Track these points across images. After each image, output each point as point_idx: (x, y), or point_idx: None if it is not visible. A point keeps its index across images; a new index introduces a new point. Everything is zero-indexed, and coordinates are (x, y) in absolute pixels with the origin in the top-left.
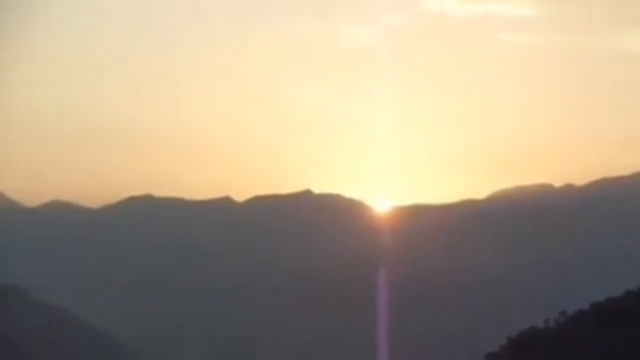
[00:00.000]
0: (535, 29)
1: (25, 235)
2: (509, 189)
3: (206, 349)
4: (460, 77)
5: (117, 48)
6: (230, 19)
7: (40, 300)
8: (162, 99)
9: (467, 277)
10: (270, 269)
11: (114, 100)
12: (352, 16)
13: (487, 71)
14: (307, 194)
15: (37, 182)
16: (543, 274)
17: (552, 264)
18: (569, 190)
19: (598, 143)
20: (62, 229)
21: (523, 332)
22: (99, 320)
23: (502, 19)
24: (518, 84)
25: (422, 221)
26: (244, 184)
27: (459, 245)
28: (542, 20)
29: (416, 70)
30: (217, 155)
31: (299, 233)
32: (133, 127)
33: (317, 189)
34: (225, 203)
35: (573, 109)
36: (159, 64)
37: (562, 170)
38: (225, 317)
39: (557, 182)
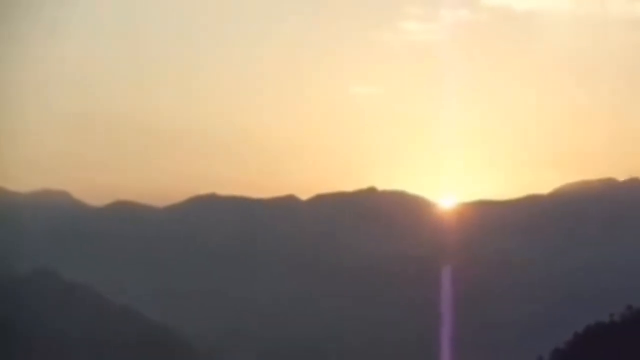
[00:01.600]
0: (598, 23)
1: (92, 235)
2: (573, 184)
3: (267, 351)
4: (524, 72)
5: (179, 50)
6: (292, 18)
7: (107, 299)
8: (224, 99)
9: (532, 273)
10: (335, 267)
11: (177, 101)
12: (413, 13)
13: (551, 66)
14: (372, 191)
15: (102, 183)
16: (608, 269)
17: (618, 259)
18: (633, 185)
19: None
20: (128, 228)
21: (589, 327)
22: (163, 318)
23: (564, 14)
24: (581, 79)
25: (486, 217)
26: (308, 182)
27: (524, 241)
28: (605, 14)
29: (479, 66)
30: (280, 153)
31: (363, 231)
32: (197, 127)
33: (381, 186)
34: (289, 201)
35: (637, 101)
36: (220, 65)
37: (627, 164)
38: (289, 316)
39: (622, 176)
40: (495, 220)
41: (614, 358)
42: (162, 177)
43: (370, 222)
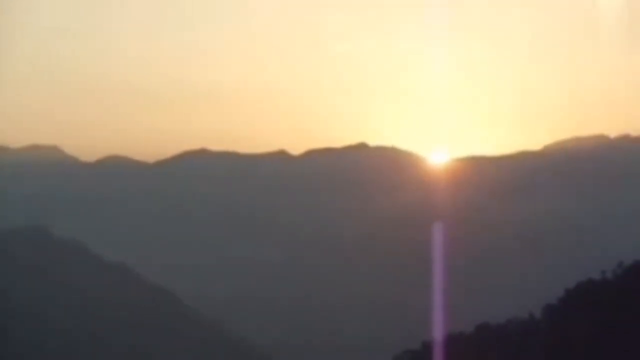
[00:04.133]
0: None
1: (83, 190)
2: (564, 140)
3: (258, 306)
4: (516, 28)
5: (170, 7)
6: None
7: (98, 255)
8: (216, 55)
9: (523, 229)
10: (326, 223)
11: (168, 58)
12: None
13: (543, 22)
14: (363, 146)
15: (93, 138)
16: (600, 226)
17: (608, 216)
18: (624, 142)
19: None
20: (119, 183)
21: (580, 284)
22: (154, 273)
23: None
24: (575, 34)
25: (478, 173)
26: (299, 138)
27: (515, 197)
28: None
29: (470, 22)
30: (272, 108)
31: (354, 186)
32: (188, 82)
33: (372, 142)
34: (280, 156)
35: (630, 59)
36: (211, 22)
37: (619, 121)
38: (282, 270)
39: (613, 133)
40: (487, 176)
41: (606, 315)
42: (153, 132)
43: (361, 178)
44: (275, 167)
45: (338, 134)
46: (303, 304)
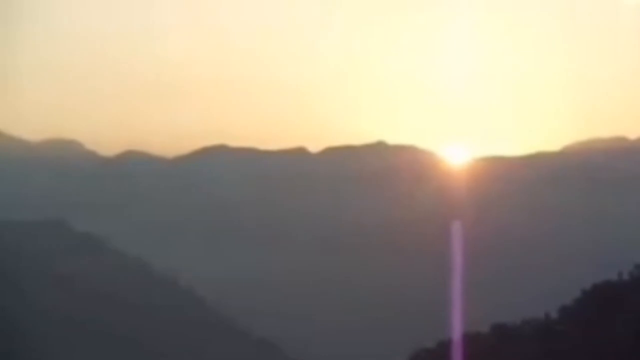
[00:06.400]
0: None
1: (101, 185)
2: (584, 142)
3: (280, 300)
4: (537, 25)
5: (195, 6)
6: None
7: (116, 249)
8: (236, 50)
9: (541, 230)
10: (344, 220)
11: (188, 51)
12: None
13: (564, 20)
14: (382, 145)
15: (112, 132)
16: (618, 228)
17: (627, 218)
18: None
19: None
20: (137, 178)
21: (597, 286)
22: (171, 268)
23: None
24: (596, 34)
25: (497, 173)
26: (318, 135)
27: (533, 198)
28: None
29: (491, 17)
30: (291, 105)
31: (372, 184)
32: (207, 77)
33: (391, 140)
34: (299, 153)
35: None
36: (232, 18)
37: (638, 122)
38: (300, 269)
39: (633, 135)
40: (506, 176)
41: (622, 316)
42: (172, 127)
43: (379, 176)
44: (294, 164)
45: (357, 132)
46: (319, 302)
